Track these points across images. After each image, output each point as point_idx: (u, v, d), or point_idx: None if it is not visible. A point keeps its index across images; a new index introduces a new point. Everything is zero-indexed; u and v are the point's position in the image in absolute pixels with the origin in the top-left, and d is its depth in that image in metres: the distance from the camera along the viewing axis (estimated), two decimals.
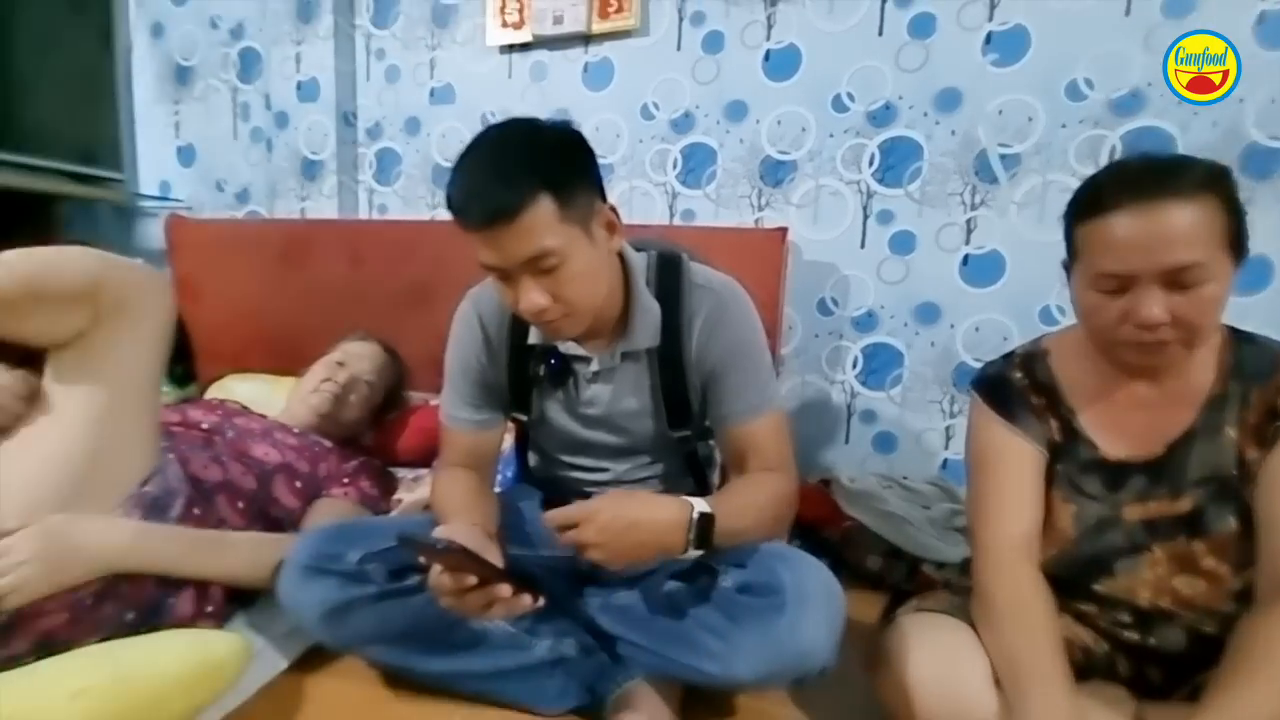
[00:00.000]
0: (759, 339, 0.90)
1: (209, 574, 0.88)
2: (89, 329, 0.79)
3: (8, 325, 0.76)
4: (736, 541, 0.80)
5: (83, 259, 0.79)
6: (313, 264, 1.74)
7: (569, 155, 0.76)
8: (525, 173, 0.71)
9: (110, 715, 0.67)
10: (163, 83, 2.13)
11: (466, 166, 0.73)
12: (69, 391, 0.81)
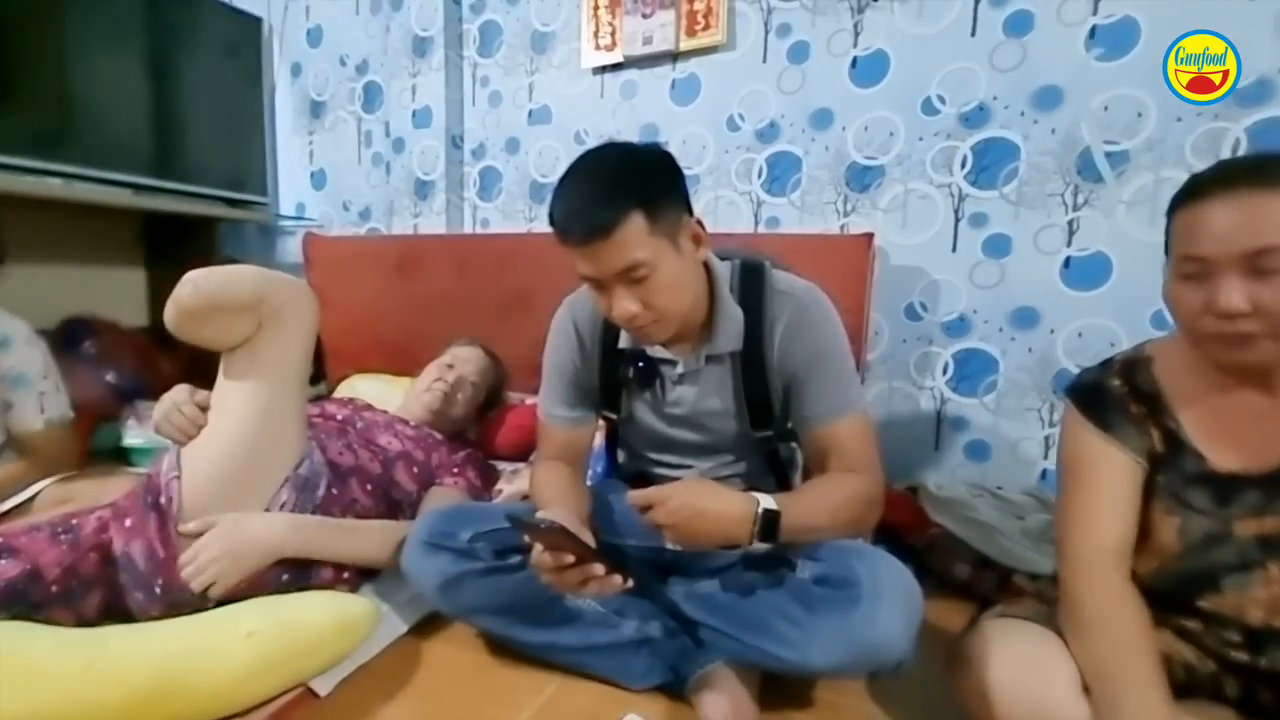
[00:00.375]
0: (841, 343, 0.93)
1: (344, 557, 1.01)
2: (253, 334, 0.94)
3: (195, 333, 0.92)
4: (809, 537, 0.84)
5: (249, 275, 0.92)
6: (424, 275, 1.91)
7: (658, 175, 0.83)
8: (619, 193, 0.78)
9: (273, 654, 0.80)
10: (299, 116, 2.41)
11: (566, 188, 0.82)
12: (239, 388, 0.96)
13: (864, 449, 0.91)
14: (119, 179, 1.99)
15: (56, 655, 0.70)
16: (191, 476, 0.92)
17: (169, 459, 0.95)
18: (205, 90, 2.24)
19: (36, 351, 1.20)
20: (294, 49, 2.39)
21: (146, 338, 2.13)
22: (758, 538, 0.79)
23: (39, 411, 1.19)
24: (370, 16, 2.20)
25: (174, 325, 0.89)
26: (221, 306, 0.89)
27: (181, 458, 0.94)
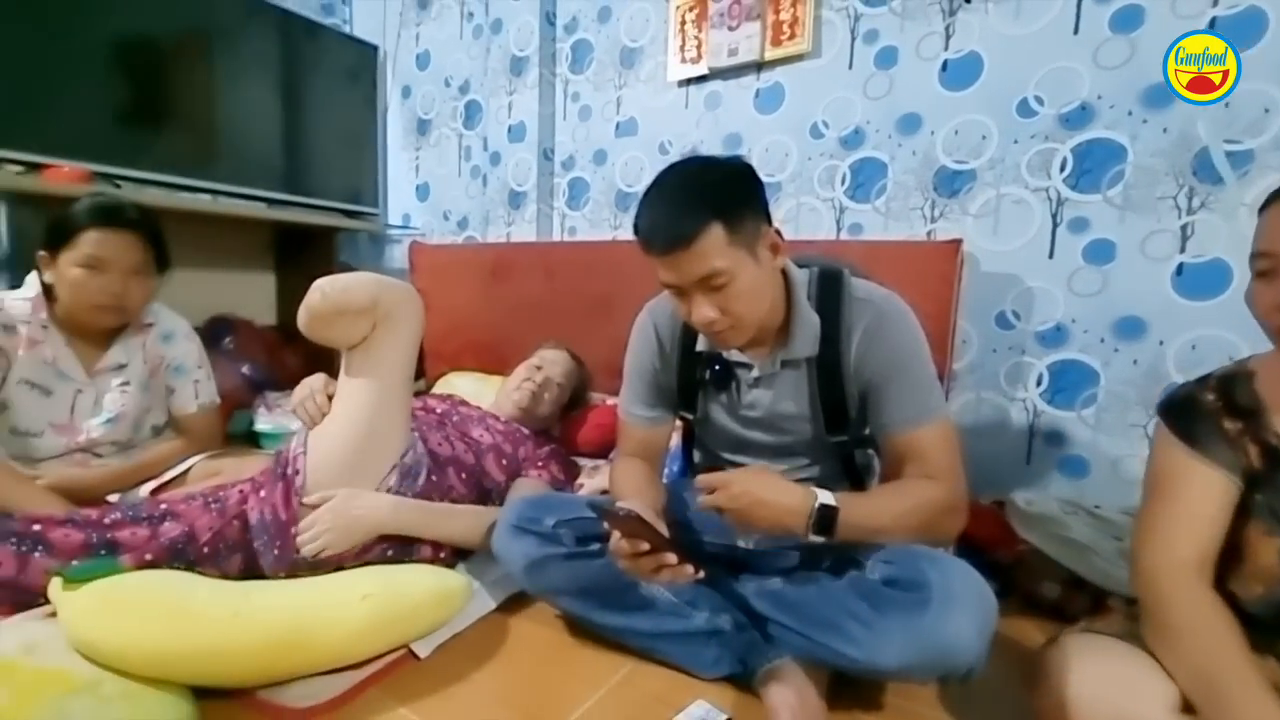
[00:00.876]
0: (920, 350, 0.93)
1: (439, 536, 1.12)
2: (369, 334, 1.05)
3: (322, 333, 1.03)
4: (871, 538, 0.86)
5: (367, 281, 1.03)
6: (515, 280, 2.04)
7: (737, 187, 0.86)
8: (699, 206, 0.83)
9: (385, 616, 0.90)
10: (407, 134, 2.62)
11: (650, 200, 0.87)
12: (356, 383, 1.07)
13: (944, 456, 0.90)
14: (255, 194, 2.25)
15: (211, 602, 0.83)
16: (314, 455, 1.05)
17: (299, 438, 1.08)
18: (328, 113, 2.49)
19: (193, 345, 1.39)
20: (405, 72, 2.60)
21: (275, 335, 2.38)
22: (812, 531, 0.83)
23: (194, 397, 1.37)
24: (473, 40, 2.37)
25: (305, 327, 1.01)
26: (344, 310, 1.00)
27: (308, 438, 1.07)
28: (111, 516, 0.97)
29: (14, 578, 0.86)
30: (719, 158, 0.89)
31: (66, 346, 1.23)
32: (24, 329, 1.19)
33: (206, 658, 0.78)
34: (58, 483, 1.15)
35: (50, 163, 1.70)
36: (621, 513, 0.82)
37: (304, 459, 1.04)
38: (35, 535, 0.89)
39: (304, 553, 0.99)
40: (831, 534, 0.83)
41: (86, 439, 1.25)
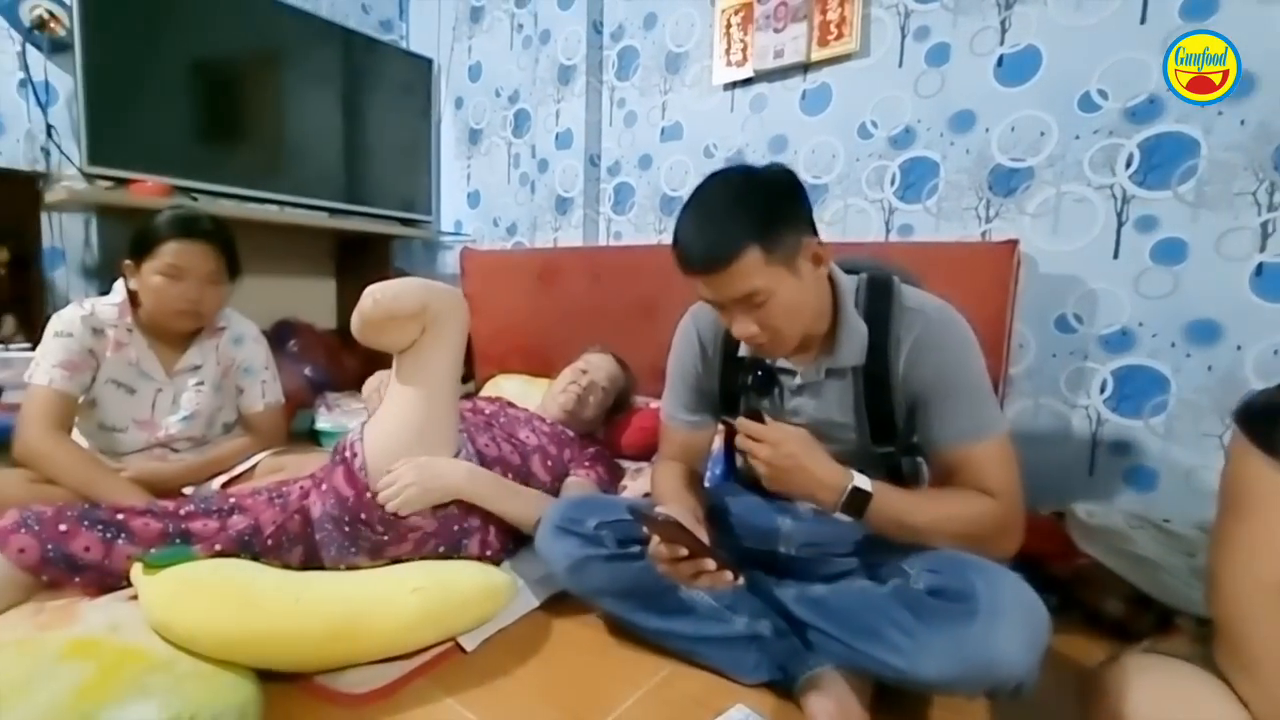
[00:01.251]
0: (973, 363, 0.90)
1: (507, 511, 1.15)
2: (420, 338, 1.08)
3: (375, 338, 1.05)
4: (903, 535, 0.86)
5: (416, 288, 1.03)
6: (561, 285, 2.07)
7: (776, 204, 0.84)
8: (735, 228, 0.82)
9: (434, 609, 0.94)
10: (460, 143, 2.70)
11: (686, 220, 0.87)
12: (408, 386, 1.09)
13: (997, 474, 0.87)
14: (318, 204, 2.37)
15: (275, 591, 0.88)
16: (371, 444, 1.09)
17: (355, 431, 1.13)
18: (386, 125, 2.60)
19: (260, 347, 1.47)
20: (458, 84, 2.69)
21: (335, 338, 2.50)
22: (841, 509, 0.84)
23: (261, 396, 1.45)
24: (522, 51, 2.43)
25: (358, 333, 1.04)
26: (395, 315, 1.01)
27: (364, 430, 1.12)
28: (186, 508, 1.04)
29: (100, 561, 0.93)
30: (759, 169, 0.87)
31: (149, 349, 1.33)
32: (111, 332, 1.28)
33: (269, 643, 0.83)
34: (139, 475, 1.24)
35: (136, 178, 1.84)
36: (660, 518, 0.83)
37: (361, 445, 1.09)
38: (119, 524, 0.96)
39: (388, 507, 1.02)
40: (860, 517, 0.84)
41: (165, 435, 1.35)
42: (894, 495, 0.86)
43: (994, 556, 0.84)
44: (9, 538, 0.88)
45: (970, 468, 0.88)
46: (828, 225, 1.79)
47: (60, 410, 1.21)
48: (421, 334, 1.06)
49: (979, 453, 0.88)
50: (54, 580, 0.91)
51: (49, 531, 0.91)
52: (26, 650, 0.78)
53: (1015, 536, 0.87)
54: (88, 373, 1.26)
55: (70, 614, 0.85)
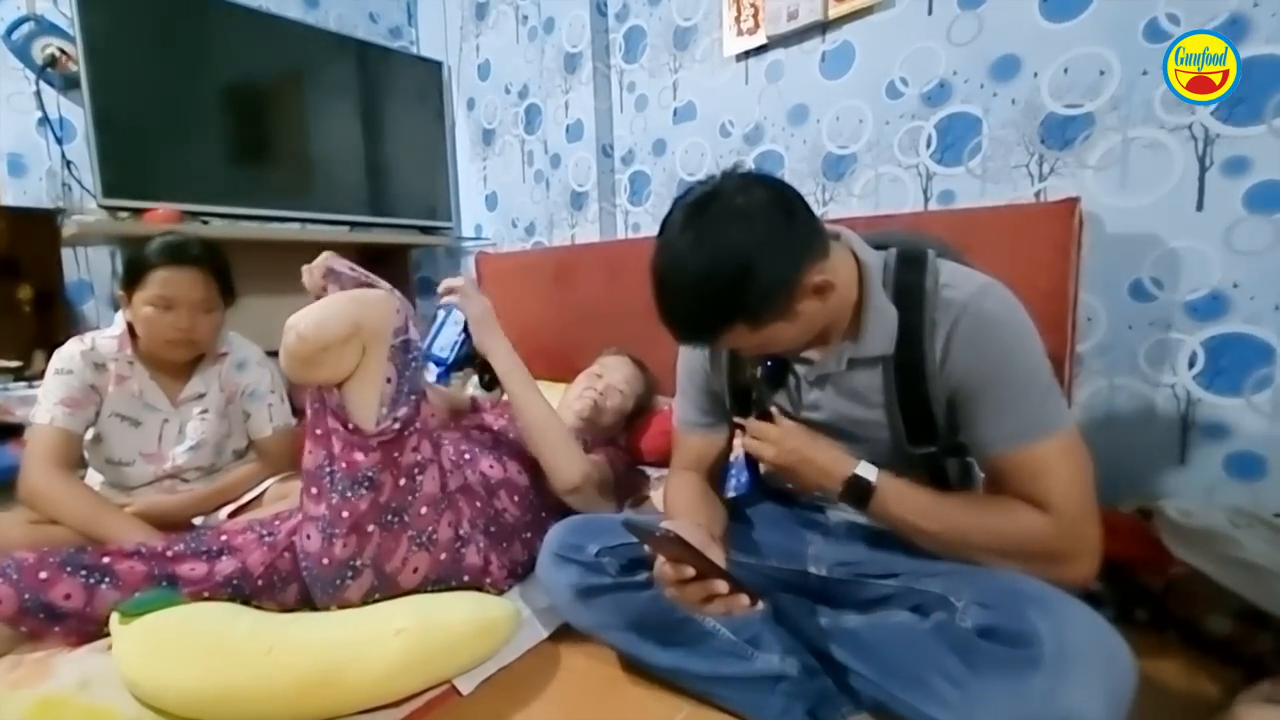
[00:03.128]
0: (1024, 349, 0.75)
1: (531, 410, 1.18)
2: (362, 361, 0.91)
3: (311, 375, 0.90)
4: (922, 541, 0.79)
5: (341, 307, 0.89)
6: (578, 283, 1.98)
7: (755, 275, 0.70)
8: (708, 317, 0.75)
9: (421, 651, 0.86)
10: (474, 145, 2.64)
11: (660, 293, 0.77)
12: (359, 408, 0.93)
13: (1055, 482, 0.72)
14: (339, 219, 2.35)
15: (248, 638, 0.81)
16: None
17: None
18: (402, 133, 2.56)
19: (266, 371, 1.44)
20: (468, 85, 2.62)
21: None
22: (842, 498, 0.81)
23: (268, 420, 1.42)
24: (528, 43, 2.34)
25: (292, 373, 0.90)
26: (327, 345, 0.87)
27: None
28: (174, 549, 0.99)
29: (81, 609, 0.89)
30: (731, 209, 0.72)
31: (151, 379, 1.31)
32: (113, 365, 1.26)
33: (237, 699, 0.77)
34: (144, 509, 1.22)
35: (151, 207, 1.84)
36: (658, 533, 0.72)
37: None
38: (104, 568, 0.92)
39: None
40: (863, 508, 0.80)
41: (173, 466, 1.32)
42: (907, 492, 0.79)
43: (1058, 582, 0.69)
44: None
45: (1021, 475, 0.74)
46: (858, 199, 1.63)
47: (63, 448, 1.19)
48: (363, 356, 0.91)
49: (1033, 456, 0.73)
50: (33, 631, 0.87)
51: (28, 580, 0.87)
52: None
53: (1082, 559, 0.72)
54: (90, 408, 1.24)
55: (44, 669, 0.82)
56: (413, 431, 0.96)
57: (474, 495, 1.10)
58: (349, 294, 0.94)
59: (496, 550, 1.10)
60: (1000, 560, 0.73)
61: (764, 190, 0.73)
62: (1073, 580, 0.71)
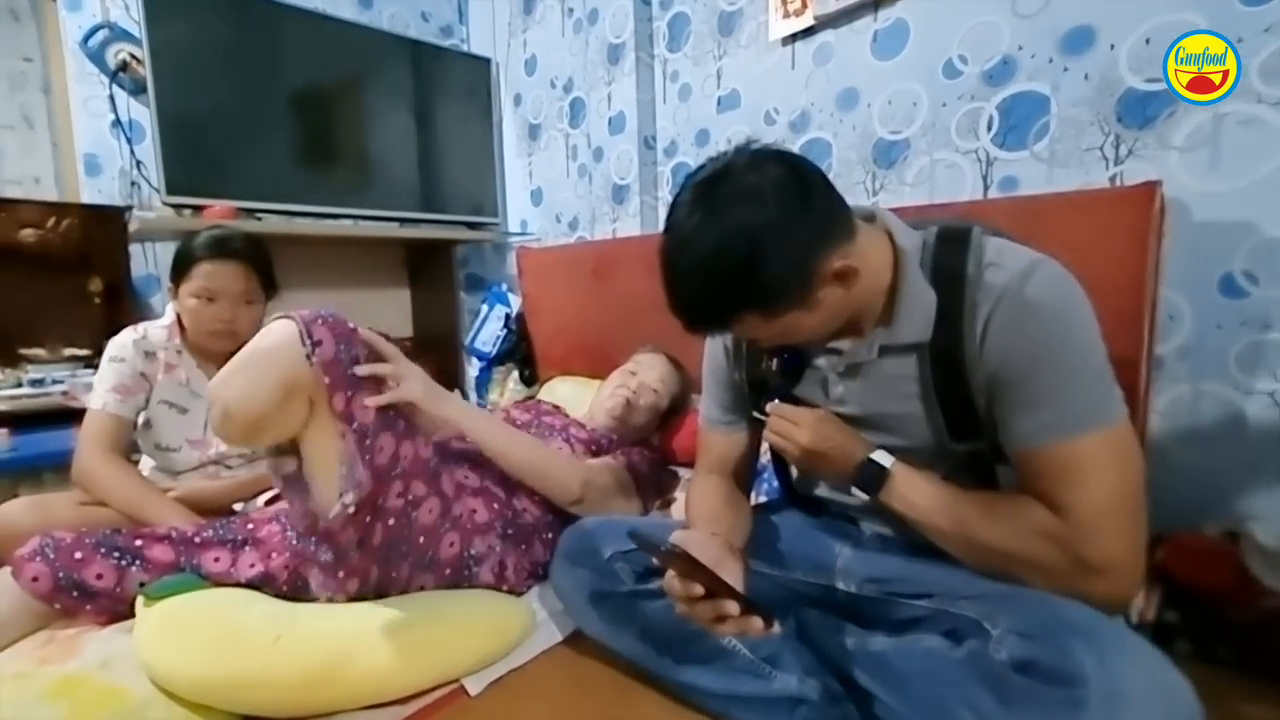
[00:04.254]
0: (1071, 333, 0.66)
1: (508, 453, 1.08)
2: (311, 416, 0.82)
3: (258, 442, 0.83)
4: (933, 538, 0.74)
5: (263, 364, 0.78)
6: (617, 278, 1.94)
7: (770, 258, 0.65)
8: (720, 301, 0.69)
9: (425, 647, 0.84)
10: (521, 140, 2.65)
11: (669, 277, 0.72)
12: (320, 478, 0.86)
13: (1083, 482, 0.63)
14: (390, 215, 2.40)
15: (259, 627, 0.82)
16: None
17: None
18: (452, 131, 2.59)
19: None
20: (515, 80, 2.63)
21: (406, 346, 2.53)
22: (853, 482, 0.77)
23: None
24: (574, 36, 2.32)
25: (240, 443, 0.85)
26: (263, 414, 0.77)
27: None
28: (203, 535, 1.01)
29: (112, 589, 0.92)
30: (741, 188, 0.66)
31: (198, 369, 1.35)
32: (162, 354, 1.31)
33: (244, 687, 0.77)
34: (186, 494, 1.26)
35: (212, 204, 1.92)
36: (664, 548, 0.68)
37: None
38: (136, 550, 0.95)
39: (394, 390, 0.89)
40: (874, 495, 0.75)
41: (216, 453, 1.36)
42: (922, 483, 0.74)
43: (1085, 601, 0.61)
44: (24, 566, 0.89)
45: (1045, 472, 0.66)
46: (911, 187, 1.52)
47: (114, 433, 1.25)
48: (311, 410, 0.82)
49: (1065, 452, 0.64)
50: (67, 609, 0.90)
51: (64, 559, 0.90)
52: (18, 687, 0.77)
53: (1105, 575, 0.63)
54: (141, 395, 1.29)
55: (73, 647, 0.84)
56: (397, 475, 0.89)
57: (491, 498, 1.08)
58: (261, 346, 0.80)
59: (515, 553, 1.07)
60: (1011, 567, 0.67)
61: (778, 167, 0.67)
62: (1099, 600, 0.62)
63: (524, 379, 2.22)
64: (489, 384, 2.31)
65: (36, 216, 1.69)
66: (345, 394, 0.83)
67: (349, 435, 0.83)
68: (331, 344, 0.82)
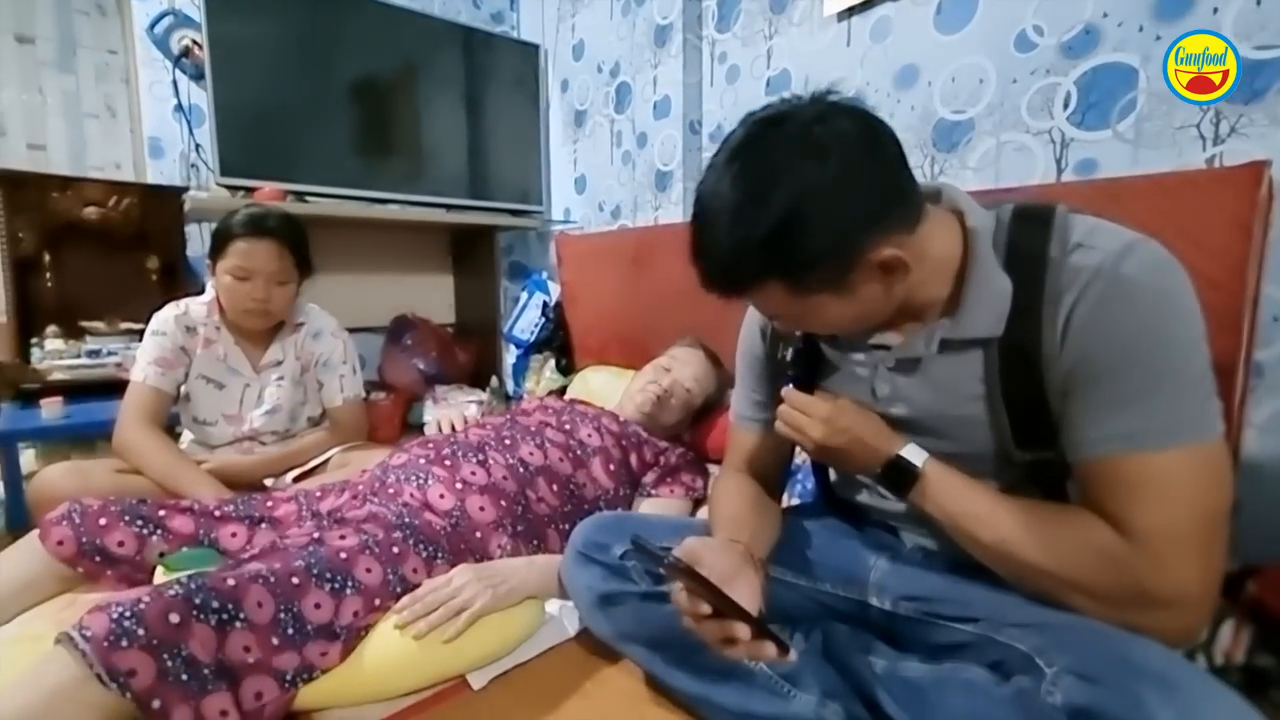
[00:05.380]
0: (1168, 328, 0.57)
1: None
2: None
3: None
4: (972, 550, 0.66)
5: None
6: (656, 266, 1.88)
7: (803, 227, 0.58)
8: (745, 260, 0.61)
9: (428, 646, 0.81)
10: (566, 128, 2.61)
11: (696, 228, 0.65)
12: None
13: (1160, 500, 0.55)
14: (435, 201, 2.41)
15: None
16: None
17: None
18: (501, 118, 2.58)
19: (339, 341, 1.47)
20: (563, 66, 2.60)
21: (449, 333, 2.54)
22: (881, 480, 0.71)
23: (339, 391, 1.45)
24: (621, 19, 2.26)
25: None
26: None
27: None
28: (224, 509, 1.01)
29: (132, 557, 0.92)
30: (800, 137, 0.59)
31: (235, 345, 1.37)
32: (202, 330, 1.34)
33: None
34: (219, 468, 1.28)
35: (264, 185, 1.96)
36: (667, 560, 0.62)
37: None
38: (158, 520, 0.96)
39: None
40: (903, 495, 0.69)
41: (250, 428, 1.38)
42: (959, 487, 0.66)
43: (1148, 633, 0.53)
44: (50, 529, 0.90)
45: (1115, 486, 0.57)
46: (974, 171, 1.40)
47: (153, 405, 1.27)
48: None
49: (1141, 465, 0.55)
50: (89, 573, 0.92)
51: (89, 525, 0.92)
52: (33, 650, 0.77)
53: (1172, 608, 0.55)
54: (180, 369, 1.32)
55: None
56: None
57: (499, 494, 1.04)
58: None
59: (527, 549, 1.03)
60: (1060, 591, 0.58)
61: (851, 124, 0.59)
62: (1160, 634, 0.54)
63: (560, 368, 2.19)
64: (525, 372, 2.29)
65: (99, 195, 1.76)
66: (191, 705, 0.67)
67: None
68: (150, 666, 0.65)
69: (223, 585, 0.73)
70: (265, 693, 0.72)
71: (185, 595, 0.70)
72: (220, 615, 0.71)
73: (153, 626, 0.66)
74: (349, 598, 0.82)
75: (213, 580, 0.74)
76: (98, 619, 0.66)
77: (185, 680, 0.67)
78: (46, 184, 1.74)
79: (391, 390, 2.24)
